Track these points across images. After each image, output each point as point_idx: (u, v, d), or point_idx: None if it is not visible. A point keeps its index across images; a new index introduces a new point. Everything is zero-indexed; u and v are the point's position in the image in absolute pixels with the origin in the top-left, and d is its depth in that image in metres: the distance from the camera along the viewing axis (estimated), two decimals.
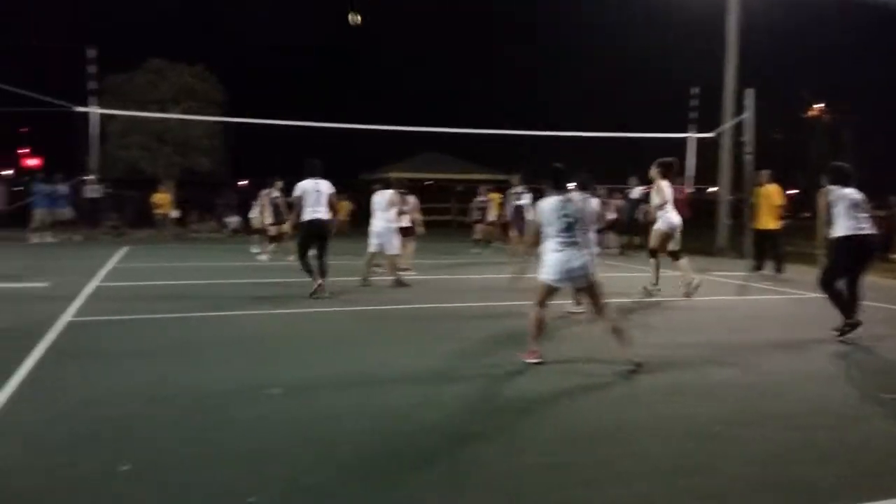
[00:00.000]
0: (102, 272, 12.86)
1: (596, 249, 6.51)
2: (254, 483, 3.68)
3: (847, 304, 7.64)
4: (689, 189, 19.32)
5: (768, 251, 13.84)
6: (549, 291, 6.23)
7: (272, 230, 16.09)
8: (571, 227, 6.06)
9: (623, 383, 5.70)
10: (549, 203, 6.16)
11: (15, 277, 11.67)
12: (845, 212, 7.52)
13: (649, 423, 4.76)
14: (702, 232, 20.47)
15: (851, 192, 7.61)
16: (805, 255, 13.88)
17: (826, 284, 7.71)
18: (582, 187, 9.53)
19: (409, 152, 34.85)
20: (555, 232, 6.09)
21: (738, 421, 4.82)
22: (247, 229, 23.49)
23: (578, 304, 9.69)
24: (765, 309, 10.02)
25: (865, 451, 4.32)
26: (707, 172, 19.44)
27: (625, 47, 45.41)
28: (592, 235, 6.79)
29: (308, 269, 10.23)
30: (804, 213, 26.77)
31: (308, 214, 10.05)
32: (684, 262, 10.62)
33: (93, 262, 14.52)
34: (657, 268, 10.53)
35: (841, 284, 7.69)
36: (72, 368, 5.97)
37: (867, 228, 7.55)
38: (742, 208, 15.38)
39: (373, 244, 11.76)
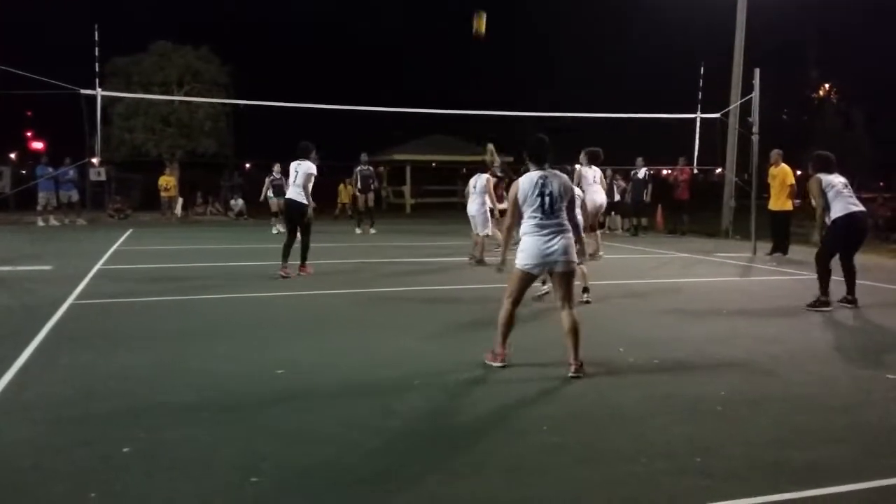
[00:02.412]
0: (106, 255, 12.89)
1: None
2: (253, 461, 3.70)
3: (828, 283, 8.19)
4: (693, 170, 19.24)
5: (783, 232, 13.58)
6: (526, 281, 5.48)
7: (273, 206, 17.46)
8: (551, 207, 5.30)
9: (626, 366, 5.67)
10: (527, 179, 5.37)
11: (19, 260, 11.70)
12: (837, 194, 8.12)
13: (645, 404, 4.74)
14: (706, 214, 20.41)
15: (837, 178, 8.25)
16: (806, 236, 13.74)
17: (821, 260, 8.27)
18: (593, 159, 9.47)
19: (415, 135, 34.70)
20: (532, 212, 5.35)
21: (739, 401, 4.80)
22: (251, 212, 23.77)
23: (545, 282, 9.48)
24: (768, 289, 9.94)
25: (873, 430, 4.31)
26: (712, 153, 19.28)
27: (631, 28, 45.00)
28: (579, 218, 6.00)
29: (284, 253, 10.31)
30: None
31: (287, 194, 10.62)
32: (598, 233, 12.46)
33: (96, 245, 14.56)
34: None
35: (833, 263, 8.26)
36: (74, 351, 5.98)
37: (860, 206, 8.17)
38: (748, 190, 15.22)
39: (474, 226, 12.09)
